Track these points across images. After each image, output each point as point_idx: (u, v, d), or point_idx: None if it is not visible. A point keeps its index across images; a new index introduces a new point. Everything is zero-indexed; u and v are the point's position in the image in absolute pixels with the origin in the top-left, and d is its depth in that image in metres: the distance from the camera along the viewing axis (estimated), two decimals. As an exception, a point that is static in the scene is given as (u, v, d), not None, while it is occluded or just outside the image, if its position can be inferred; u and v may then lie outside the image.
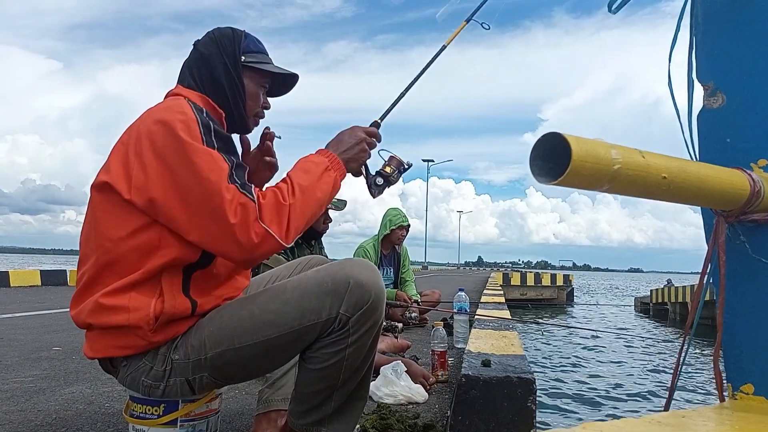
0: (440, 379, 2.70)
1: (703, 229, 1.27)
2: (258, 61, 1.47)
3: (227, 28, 1.48)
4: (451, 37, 1.98)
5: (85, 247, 1.32)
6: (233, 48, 1.44)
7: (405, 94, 1.73)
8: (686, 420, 0.99)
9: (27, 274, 10.79)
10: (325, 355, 1.30)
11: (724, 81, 1.21)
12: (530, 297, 20.20)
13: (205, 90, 1.42)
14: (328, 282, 1.30)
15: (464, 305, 3.58)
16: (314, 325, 1.28)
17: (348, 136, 1.44)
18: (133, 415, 1.37)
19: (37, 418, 2.04)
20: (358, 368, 1.34)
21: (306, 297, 1.29)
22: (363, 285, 1.29)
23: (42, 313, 5.75)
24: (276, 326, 1.28)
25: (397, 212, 4.94)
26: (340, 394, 1.35)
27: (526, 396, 1.87)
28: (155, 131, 1.24)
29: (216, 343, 1.29)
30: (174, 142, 1.22)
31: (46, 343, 3.77)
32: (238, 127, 1.50)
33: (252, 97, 1.47)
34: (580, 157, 0.79)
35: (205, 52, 1.43)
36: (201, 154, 1.21)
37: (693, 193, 1.00)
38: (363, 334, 1.30)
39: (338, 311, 1.27)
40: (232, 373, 1.34)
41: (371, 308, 1.29)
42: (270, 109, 1.55)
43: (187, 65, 1.45)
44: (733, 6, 1.20)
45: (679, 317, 16.37)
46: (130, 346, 1.28)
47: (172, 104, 1.31)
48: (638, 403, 6.52)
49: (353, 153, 1.42)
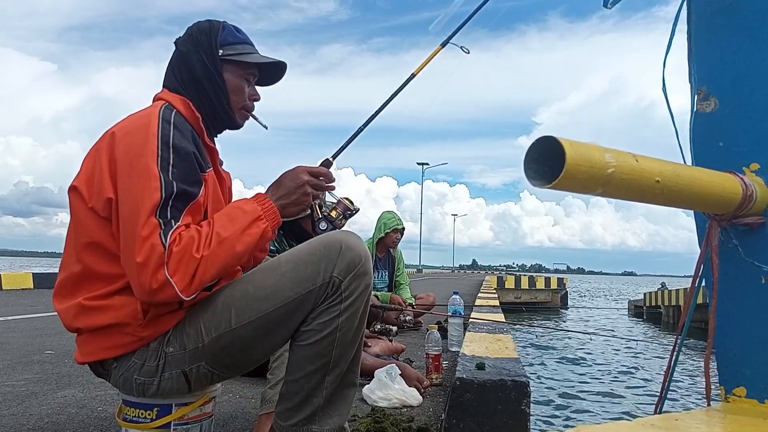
0: (435, 382, 2.69)
1: (696, 233, 1.28)
2: (237, 52, 1.43)
3: (205, 22, 1.45)
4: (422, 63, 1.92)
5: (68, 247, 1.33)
6: (210, 43, 1.41)
7: (363, 129, 1.68)
8: (679, 423, 1.00)
9: (19, 277, 10.71)
10: (319, 326, 1.28)
11: (717, 85, 1.22)
12: (524, 300, 20.21)
13: (187, 89, 1.41)
14: (320, 248, 1.30)
15: (459, 308, 3.58)
16: (310, 292, 1.27)
17: (289, 179, 1.38)
18: (126, 418, 1.36)
19: (29, 422, 2.03)
20: (349, 344, 1.32)
21: (300, 266, 1.29)
22: (352, 248, 1.30)
23: (34, 316, 5.71)
24: (272, 300, 1.27)
25: (392, 215, 4.95)
26: (332, 378, 1.32)
27: (521, 399, 1.87)
28: (118, 141, 1.25)
29: (213, 327, 1.28)
30: (125, 155, 1.23)
31: (38, 347, 3.74)
32: (225, 123, 1.48)
33: (235, 91, 1.44)
34: (574, 161, 0.80)
35: (183, 50, 1.42)
36: (141, 176, 1.20)
37: (686, 196, 1.01)
38: (355, 299, 1.29)
39: (331, 274, 1.27)
40: (231, 358, 1.32)
41: (362, 271, 1.30)
42: (260, 100, 1.51)
43: (170, 65, 1.45)
44: (725, 11, 1.21)
45: (672, 320, 16.43)
46: (119, 345, 1.28)
47: (142, 114, 1.31)
48: (632, 406, 6.53)
49: (293, 198, 1.36)
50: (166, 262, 1.16)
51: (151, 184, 1.19)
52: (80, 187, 1.29)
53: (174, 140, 1.24)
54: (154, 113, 1.28)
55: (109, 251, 1.26)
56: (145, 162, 1.20)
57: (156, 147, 1.22)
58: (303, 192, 1.37)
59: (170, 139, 1.24)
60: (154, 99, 1.42)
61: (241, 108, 1.47)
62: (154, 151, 1.21)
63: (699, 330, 4.98)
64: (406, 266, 5.30)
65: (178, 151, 1.24)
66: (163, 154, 1.22)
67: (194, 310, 1.31)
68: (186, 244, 1.18)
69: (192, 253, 1.17)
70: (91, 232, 1.27)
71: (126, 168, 1.22)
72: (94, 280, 1.28)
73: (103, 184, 1.25)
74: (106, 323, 1.26)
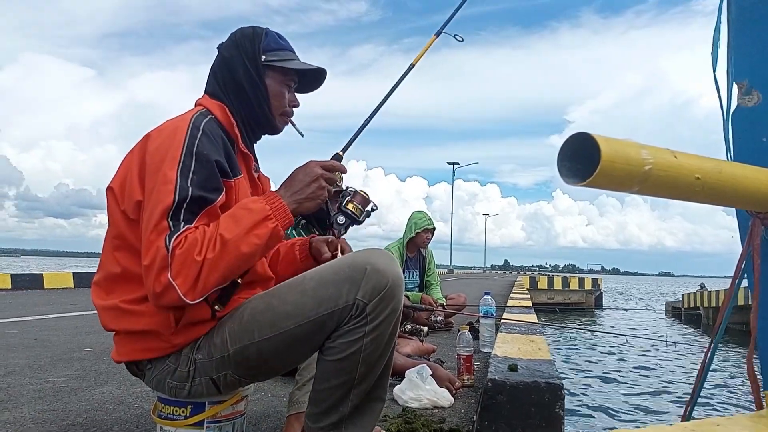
0: (466, 383, 2.67)
1: (738, 232, 1.24)
2: (280, 59, 1.45)
3: (248, 28, 1.47)
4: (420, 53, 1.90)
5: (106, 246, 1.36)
6: (253, 48, 1.43)
7: (371, 120, 1.66)
8: (720, 428, 0.96)
9: (60, 277, 11.03)
10: (343, 345, 1.26)
11: (760, 78, 1.17)
12: (558, 301, 19.94)
13: (228, 94, 1.42)
14: (345, 269, 1.27)
15: (490, 309, 3.54)
16: (332, 313, 1.25)
17: (302, 173, 1.35)
18: (161, 416, 1.39)
19: (69, 417, 2.08)
20: (375, 363, 1.30)
21: (323, 285, 1.27)
22: (380, 271, 1.25)
23: (74, 314, 5.87)
24: (294, 317, 1.26)
25: (422, 215, 4.93)
26: (358, 392, 1.30)
27: (554, 402, 1.84)
28: (150, 144, 1.28)
29: (237, 338, 1.29)
30: (152, 159, 1.25)
31: (78, 344, 3.85)
32: (265, 128, 1.50)
33: (276, 97, 1.45)
34: (609, 158, 0.78)
35: (226, 55, 1.44)
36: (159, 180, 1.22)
37: (728, 194, 0.97)
38: (381, 322, 1.26)
39: (355, 297, 1.24)
40: (256, 368, 1.33)
41: (389, 294, 1.25)
42: (299, 107, 1.53)
43: (212, 71, 1.47)
44: (766, 2, 1.17)
45: (712, 322, 15.98)
46: (153, 348, 1.30)
47: (176, 120, 1.33)
48: (669, 409, 6.37)
49: (307, 193, 1.33)
50: (169, 265, 1.15)
51: (166, 188, 1.20)
52: (115, 188, 1.33)
53: (198, 147, 1.26)
54: (186, 119, 1.31)
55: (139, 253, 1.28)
56: (166, 167, 1.22)
57: (180, 153, 1.23)
58: (318, 186, 1.35)
59: (195, 146, 1.25)
60: (195, 104, 1.45)
61: (281, 114, 1.48)
62: (176, 157, 1.23)
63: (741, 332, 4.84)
64: (436, 266, 5.28)
65: (200, 158, 1.25)
66: (185, 160, 1.23)
67: (223, 320, 1.32)
68: (189, 246, 1.17)
69: (194, 255, 1.16)
70: (123, 233, 1.30)
71: (152, 172, 1.25)
72: (129, 281, 1.31)
73: (133, 186, 1.27)
74: (139, 329, 1.29)
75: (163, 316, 1.26)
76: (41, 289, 10.02)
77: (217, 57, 1.47)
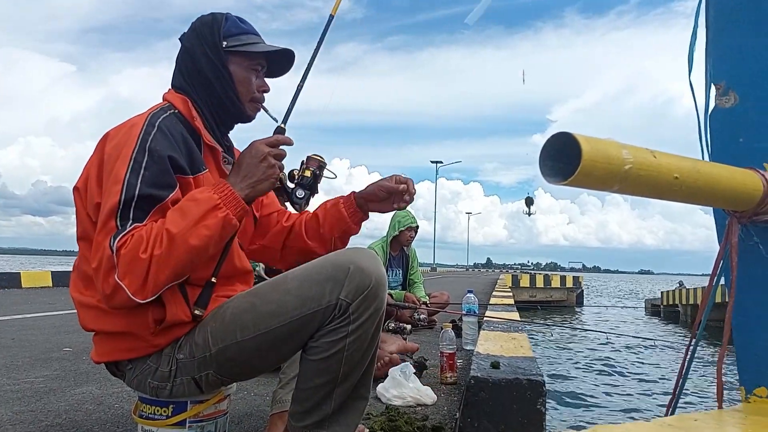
0: (449, 381, 2.68)
1: (715, 230, 1.26)
2: (242, 43, 1.40)
3: (208, 15, 1.43)
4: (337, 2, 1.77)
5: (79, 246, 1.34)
6: (213, 35, 1.38)
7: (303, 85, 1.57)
8: (698, 423, 0.98)
9: (38, 275, 10.87)
10: (325, 345, 1.25)
11: (737, 80, 1.19)
12: (539, 299, 20.10)
13: (193, 86, 1.39)
14: (328, 268, 1.26)
15: (473, 307, 3.56)
16: (315, 312, 1.24)
17: (248, 156, 1.31)
18: (142, 415, 1.38)
19: (47, 418, 2.05)
20: (359, 362, 1.29)
21: (306, 284, 1.25)
22: (363, 270, 1.24)
23: (53, 313, 5.79)
24: (277, 316, 1.25)
25: (406, 213, 4.94)
26: (341, 391, 1.30)
27: (536, 398, 1.86)
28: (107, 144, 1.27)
29: (219, 338, 1.28)
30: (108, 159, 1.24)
31: (56, 344, 3.79)
32: (235, 117, 1.46)
33: (242, 83, 1.41)
34: (590, 157, 0.79)
35: (188, 45, 1.41)
36: (110, 180, 1.20)
37: (705, 193, 0.99)
38: (364, 321, 1.25)
39: (338, 297, 1.23)
40: (238, 368, 1.32)
41: (372, 294, 1.24)
42: (269, 91, 1.48)
43: (176, 63, 1.44)
44: (745, 4, 1.19)
45: (690, 319, 16.21)
46: (133, 348, 1.29)
47: (134, 118, 1.31)
48: (649, 406, 6.46)
49: (258, 175, 1.29)
50: (116, 266, 1.13)
51: (115, 188, 1.18)
52: (81, 188, 1.31)
53: (151, 144, 1.23)
54: (143, 116, 1.29)
55: None
56: (118, 166, 1.20)
57: (132, 150, 1.21)
58: (267, 165, 1.30)
59: (148, 142, 1.23)
60: (162, 99, 1.42)
61: (251, 100, 1.44)
62: (128, 154, 1.21)
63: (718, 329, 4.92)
64: (420, 264, 5.29)
65: (152, 155, 1.22)
66: (137, 157, 1.21)
67: (206, 319, 1.31)
68: (133, 245, 1.14)
69: (139, 254, 1.13)
70: (89, 234, 1.27)
71: (107, 171, 1.23)
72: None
73: (92, 188, 1.26)
74: (119, 330, 1.27)
75: (141, 318, 1.24)
76: (19, 288, 9.86)
77: (180, 49, 1.43)
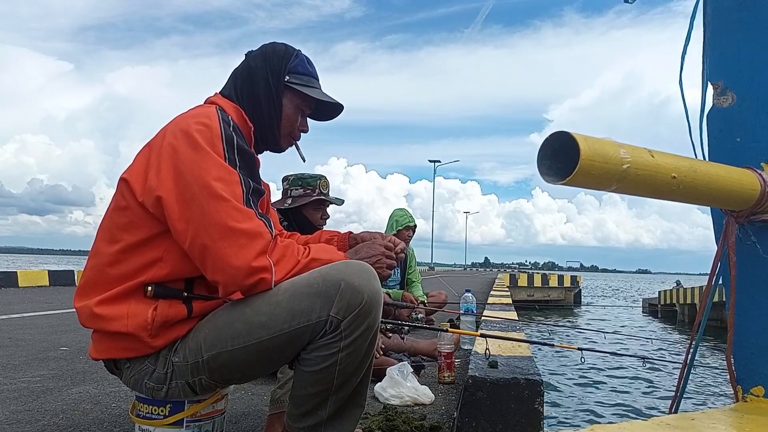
0: (447, 380, 2.69)
1: (713, 230, 1.26)
2: (302, 83, 1.44)
3: (281, 45, 1.47)
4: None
5: (98, 240, 1.33)
6: (279, 66, 1.42)
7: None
8: (696, 422, 0.98)
9: (35, 275, 10.84)
10: (318, 358, 1.24)
11: (734, 80, 1.19)
12: (537, 298, 20.13)
13: (243, 102, 1.41)
14: (319, 283, 1.24)
15: (471, 306, 3.56)
16: (304, 327, 1.22)
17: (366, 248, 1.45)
18: (139, 415, 1.37)
19: (44, 417, 2.05)
20: (353, 374, 1.28)
21: (296, 298, 1.24)
22: (355, 287, 1.22)
23: (50, 313, 5.78)
24: (267, 328, 1.24)
25: (404, 213, 4.93)
26: (336, 399, 1.29)
27: (534, 398, 1.86)
28: (178, 137, 1.25)
29: (211, 345, 1.27)
30: (191, 150, 1.22)
31: (53, 343, 3.78)
32: (270, 145, 1.48)
33: (288, 118, 1.45)
34: (588, 157, 0.78)
35: (252, 65, 1.43)
36: (217, 168, 1.21)
37: (703, 193, 0.99)
38: (356, 338, 1.24)
39: (328, 314, 1.21)
40: (229, 375, 1.32)
41: (364, 311, 1.23)
42: (307, 132, 1.52)
43: (233, 74, 1.46)
44: (743, 4, 1.19)
45: (687, 319, 16.26)
46: (131, 348, 1.29)
47: (200, 112, 1.30)
48: (647, 405, 6.47)
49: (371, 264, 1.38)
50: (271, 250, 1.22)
51: (229, 178, 1.21)
52: (130, 179, 1.28)
53: (237, 141, 1.26)
54: (212, 113, 1.29)
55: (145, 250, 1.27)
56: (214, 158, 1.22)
57: (222, 147, 1.24)
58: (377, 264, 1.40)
59: (234, 140, 1.26)
60: (205, 101, 1.42)
61: (289, 134, 1.48)
62: (220, 150, 1.23)
63: (715, 328, 4.93)
64: (417, 264, 5.29)
65: (243, 153, 1.26)
66: (229, 155, 1.24)
67: (200, 325, 1.31)
68: (289, 244, 1.27)
69: (295, 254, 1.26)
70: (136, 222, 1.27)
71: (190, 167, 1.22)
72: (116, 278, 1.28)
73: (161, 179, 1.24)
74: (116, 330, 1.27)
75: (141, 319, 1.25)
76: (16, 288, 9.84)
77: (242, 63, 1.46)
